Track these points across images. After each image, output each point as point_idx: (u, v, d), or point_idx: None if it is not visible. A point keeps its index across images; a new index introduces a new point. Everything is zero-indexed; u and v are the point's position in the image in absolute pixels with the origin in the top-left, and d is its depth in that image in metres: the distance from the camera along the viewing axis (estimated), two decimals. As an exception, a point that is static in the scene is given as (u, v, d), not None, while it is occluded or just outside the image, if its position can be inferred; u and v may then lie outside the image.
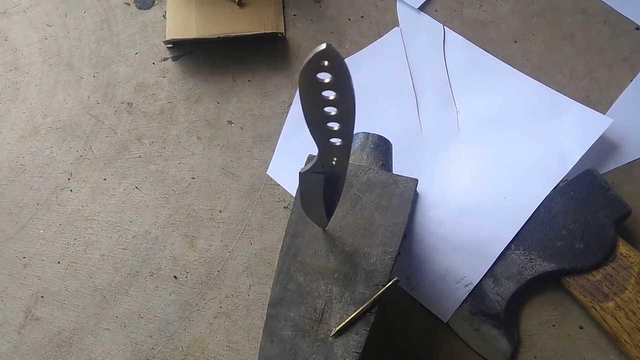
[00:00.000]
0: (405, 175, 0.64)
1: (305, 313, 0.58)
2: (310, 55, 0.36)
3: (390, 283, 0.58)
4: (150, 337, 0.74)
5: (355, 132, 0.69)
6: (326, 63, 0.36)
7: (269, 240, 0.78)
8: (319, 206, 0.56)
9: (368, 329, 0.57)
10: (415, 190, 0.68)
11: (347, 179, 0.63)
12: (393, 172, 0.65)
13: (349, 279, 0.59)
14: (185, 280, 0.77)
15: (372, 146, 0.66)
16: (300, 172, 0.51)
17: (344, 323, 0.57)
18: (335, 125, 0.43)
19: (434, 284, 0.74)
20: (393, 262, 0.59)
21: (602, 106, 0.80)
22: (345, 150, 0.47)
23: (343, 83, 0.38)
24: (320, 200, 0.54)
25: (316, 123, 0.43)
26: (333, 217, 0.61)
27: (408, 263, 0.75)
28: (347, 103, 0.40)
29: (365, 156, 0.66)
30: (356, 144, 0.67)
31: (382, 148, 0.67)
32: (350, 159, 0.66)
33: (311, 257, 0.61)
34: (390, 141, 0.69)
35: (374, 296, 0.58)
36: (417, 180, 0.63)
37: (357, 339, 0.57)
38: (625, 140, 0.79)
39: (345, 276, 0.59)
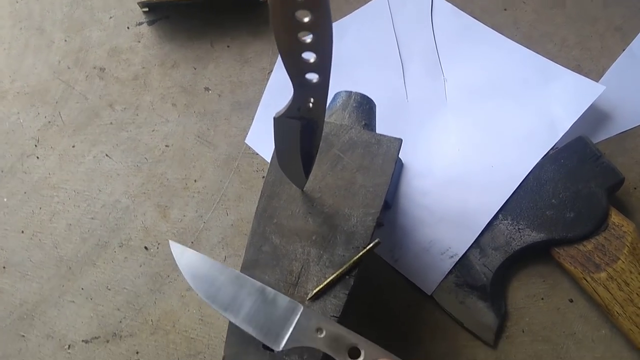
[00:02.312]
0: (389, 135, 0.60)
1: (280, 276, 0.55)
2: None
3: (371, 245, 0.55)
4: (118, 310, 0.70)
5: (337, 91, 0.66)
6: (299, -27, 0.33)
7: (246, 211, 0.74)
8: (296, 160, 0.52)
9: (347, 292, 0.53)
10: (399, 155, 0.65)
11: (327, 138, 0.60)
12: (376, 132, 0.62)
13: (327, 241, 0.56)
14: (157, 251, 0.72)
15: (354, 105, 0.63)
16: (274, 118, 0.47)
17: (321, 286, 0.53)
18: (311, 57, 0.39)
19: (418, 256, 0.70)
20: (374, 224, 0.56)
21: (593, 75, 0.77)
22: (322, 89, 0.43)
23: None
24: (297, 153, 0.51)
25: (290, 53, 0.39)
26: (312, 177, 0.58)
27: (391, 235, 0.71)
28: (323, 26, 0.36)
29: (347, 115, 0.62)
30: (337, 102, 0.64)
31: (365, 107, 0.63)
32: (331, 118, 0.63)
33: (288, 218, 0.57)
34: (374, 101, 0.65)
35: (354, 258, 0.54)
36: (401, 140, 0.60)
37: (335, 302, 0.53)
38: (617, 110, 0.76)
39: (324, 238, 0.56)
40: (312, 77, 0.42)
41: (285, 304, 0.49)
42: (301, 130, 0.48)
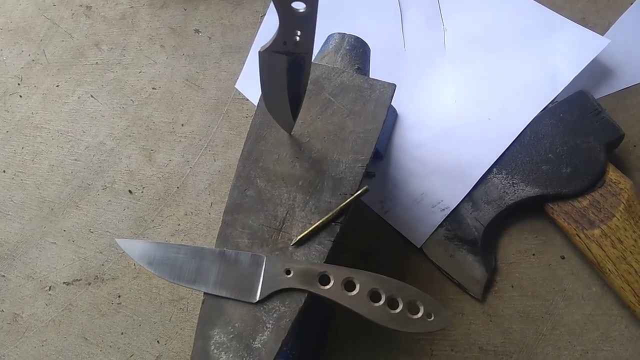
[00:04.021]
0: (383, 80, 0.58)
1: (264, 221, 0.53)
2: None
3: (359, 192, 0.53)
4: (101, 253, 0.68)
5: (330, 33, 0.63)
6: None
7: (235, 158, 0.72)
8: (283, 100, 0.50)
9: (332, 239, 0.52)
10: (393, 104, 0.63)
11: (318, 81, 0.57)
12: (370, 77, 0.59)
13: (314, 186, 0.54)
14: (141, 195, 0.71)
15: (347, 47, 0.60)
16: (259, 52, 0.44)
17: (306, 232, 0.51)
18: (298, -17, 0.37)
19: (409, 208, 0.68)
20: (364, 171, 0.54)
21: (598, 29, 0.74)
22: (309, 21, 0.40)
23: None
24: (285, 92, 0.48)
25: (276, -23, 0.37)
26: (300, 121, 0.55)
27: (382, 186, 0.70)
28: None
29: (340, 58, 0.60)
30: (330, 44, 0.61)
31: (358, 50, 0.60)
32: (323, 61, 0.60)
33: (274, 162, 0.55)
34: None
35: (341, 205, 0.52)
36: (394, 85, 0.57)
37: (319, 249, 0.51)
38: (621, 66, 0.73)
39: (311, 184, 0.54)
40: (299, 6, 0.39)
41: (248, 259, 0.50)
42: (288, 66, 0.45)
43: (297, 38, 0.42)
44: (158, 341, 0.64)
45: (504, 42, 0.74)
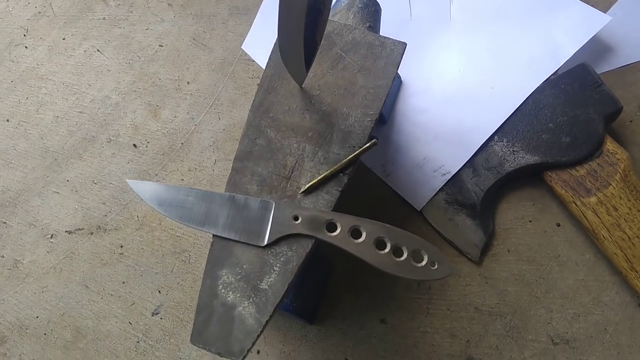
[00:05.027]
0: (394, 38, 0.59)
1: (273, 169, 0.54)
2: None
3: (368, 144, 0.54)
4: (104, 204, 0.69)
5: (340, -5, 0.64)
6: None
7: (239, 117, 0.72)
8: (298, 47, 0.50)
9: (340, 189, 0.52)
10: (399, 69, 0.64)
11: (330, 37, 0.58)
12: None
13: (324, 138, 0.55)
14: (146, 149, 0.71)
15: (360, 5, 0.61)
16: (281, -7, 0.45)
17: (315, 180, 0.52)
18: None
19: (410, 172, 0.70)
20: (373, 125, 0.55)
21: (600, 7, 0.76)
22: (335, -38, 0.41)
23: None
24: (301, 38, 0.49)
25: None
26: (311, 74, 0.56)
27: (384, 150, 0.71)
28: None
29: (352, 15, 0.60)
30: (342, 2, 0.62)
31: (370, 9, 0.61)
32: (335, 17, 0.61)
33: (285, 113, 0.56)
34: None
35: (350, 156, 0.53)
36: (405, 44, 0.58)
37: (327, 198, 0.52)
38: (621, 43, 0.75)
39: (320, 135, 0.55)
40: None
41: (257, 205, 0.51)
42: (307, 10, 0.46)
43: (320, -21, 0.43)
44: (159, 291, 0.65)
45: (508, 15, 0.75)
